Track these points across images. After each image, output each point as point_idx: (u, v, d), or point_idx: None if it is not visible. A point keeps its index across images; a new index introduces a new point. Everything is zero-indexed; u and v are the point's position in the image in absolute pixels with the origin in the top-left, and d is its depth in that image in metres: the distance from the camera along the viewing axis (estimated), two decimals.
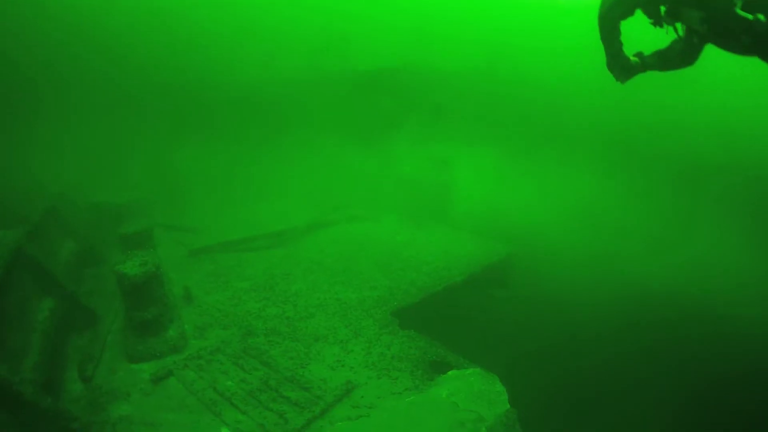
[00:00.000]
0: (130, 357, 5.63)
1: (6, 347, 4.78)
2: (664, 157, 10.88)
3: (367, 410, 4.72)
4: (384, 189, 10.86)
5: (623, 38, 3.89)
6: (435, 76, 11.94)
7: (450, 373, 5.16)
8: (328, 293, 7.23)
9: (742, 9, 3.27)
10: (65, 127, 10.82)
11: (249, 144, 11.96)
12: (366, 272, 7.93)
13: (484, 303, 8.31)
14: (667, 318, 8.30)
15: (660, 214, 10.87)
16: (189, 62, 11.69)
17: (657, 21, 3.74)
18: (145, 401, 4.98)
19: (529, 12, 15.89)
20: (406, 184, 10.61)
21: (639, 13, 3.80)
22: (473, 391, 4.78)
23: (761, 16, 3.21)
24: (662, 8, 3.69)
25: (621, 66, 3.94)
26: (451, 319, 7.47)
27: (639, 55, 3.99)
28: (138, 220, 8.09)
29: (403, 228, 9.85)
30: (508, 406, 4.55)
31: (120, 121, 11.18)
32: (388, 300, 7.06)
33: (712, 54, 3.81)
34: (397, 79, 11.63)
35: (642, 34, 4.08)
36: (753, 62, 3.59)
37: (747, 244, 9.76)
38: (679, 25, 3.76)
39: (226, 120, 11.86)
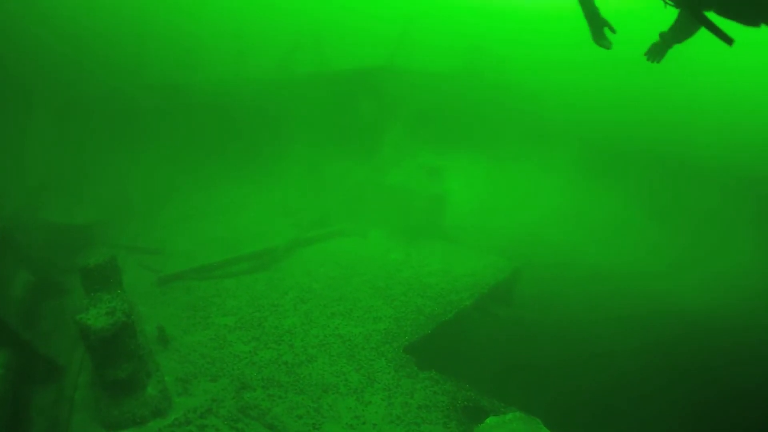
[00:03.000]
0: (105, 424, 4.58)
1: None
2: (686, 165, 10.28)
3: None
4: (368, 200, 9.95)
5: None
6: (418, 77, 11.06)
7: (488, 421, 4.51)
8: (327, 328, 6.29)
9: None
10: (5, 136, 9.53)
11: (216, 151, 10.87)
12: (365, 299, 7.03)
13: (494, 327, 7.49)
14: (692, 336, 7.64)
15: (680, 226, 10.24)
16: (148, 62, 10.50)
17: None
18: None
19: (513, 16, 15.36)
20: (394, 195, 9.72)
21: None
22: None
23: None
24: None
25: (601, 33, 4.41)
26: (467, 349, 6.70)
27: (661, 35, 4.62)
28: (99, 248, 7.04)
29: (395, 244, 9.00)
30: None
31: (70, 129, 9.95)
32: (397, 333, 6.21)
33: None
34: (379, 80, 10.71)
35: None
36: None
37: None
38: None
39: (190, 125, 10.73)
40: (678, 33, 4.57)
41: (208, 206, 10.54)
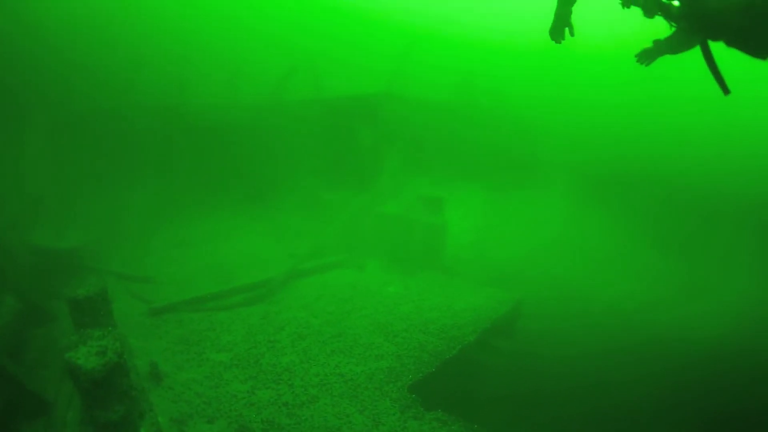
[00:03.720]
0: None
1: None
2: (687, 192, 10.18)
3: None
4: (365, 230, 9.75)
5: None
6: (415, 105, 10.94)
7: None
8: (327, 366, 6.03)
9: None
10: None
11: (209, 177, 10.63)
12: (365, 336, 6.79)
13: (498, 362, 7.25)
14: (698, 363, 7.47)
15: (683, 255, 10.11)
16: (139, 84, 10.29)
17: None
18: None
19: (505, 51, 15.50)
20: (392, 225, 9.53)
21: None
22: None
23: (675, 2, 3.82)
24: None
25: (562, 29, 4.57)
26: (472, 386, 6.45)
27: (656, 42, 4.53)
28: (88, 275, 6.76)
29: (392, 277, 8.79)
30: None
31: (61, 149, 9.69)
32: (400, 372, 5.97)
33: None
34: (376, 107, 10.56)
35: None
36: None
37: None
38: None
39: (182, 150, 10.50)
40: (674, 45, 4.56)
41: (200, 233, 10.29)
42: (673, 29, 4.44)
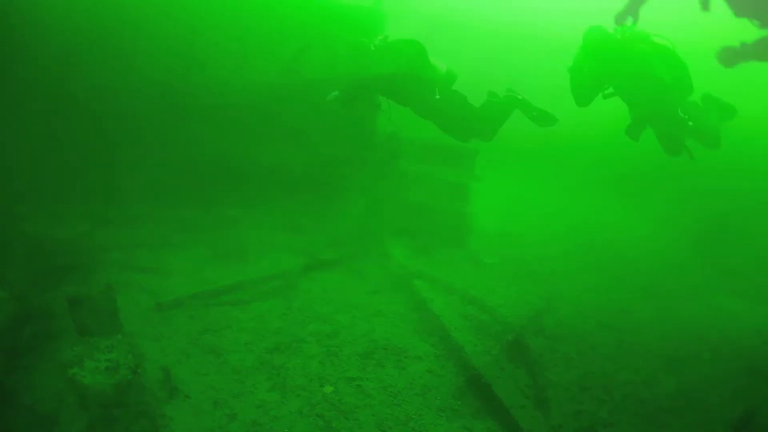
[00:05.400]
0: None
1: None
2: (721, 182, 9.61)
3: None
4: (386, 217, 9.14)
5: None
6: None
7: None
8: (362, 371, 5.42)
9: None
10: None
11: (216, 160, 9.97)
12: (397, 335, 6.30)
13: (537, 361, 6.64)
14: None
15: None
16: (142, 60, 9.60)
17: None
18: None
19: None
20: (415, 212, 8.96)
21: None
22: None
23: None
24: None
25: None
26: (517, 389, 5.80)
27: (743, 44, 4.32)
28: (89, 266, 6.17)
29: (418, 267, 8.23)
30: None
31: (59, 128, 9.03)
32: (442, 375, 5.54)
33: None
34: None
35: None
36: None
37: None
38: None
39: (188, 131, 9.82)
40: (763, 52, 4.27)
41: (209, 218, 9.62)
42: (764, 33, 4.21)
